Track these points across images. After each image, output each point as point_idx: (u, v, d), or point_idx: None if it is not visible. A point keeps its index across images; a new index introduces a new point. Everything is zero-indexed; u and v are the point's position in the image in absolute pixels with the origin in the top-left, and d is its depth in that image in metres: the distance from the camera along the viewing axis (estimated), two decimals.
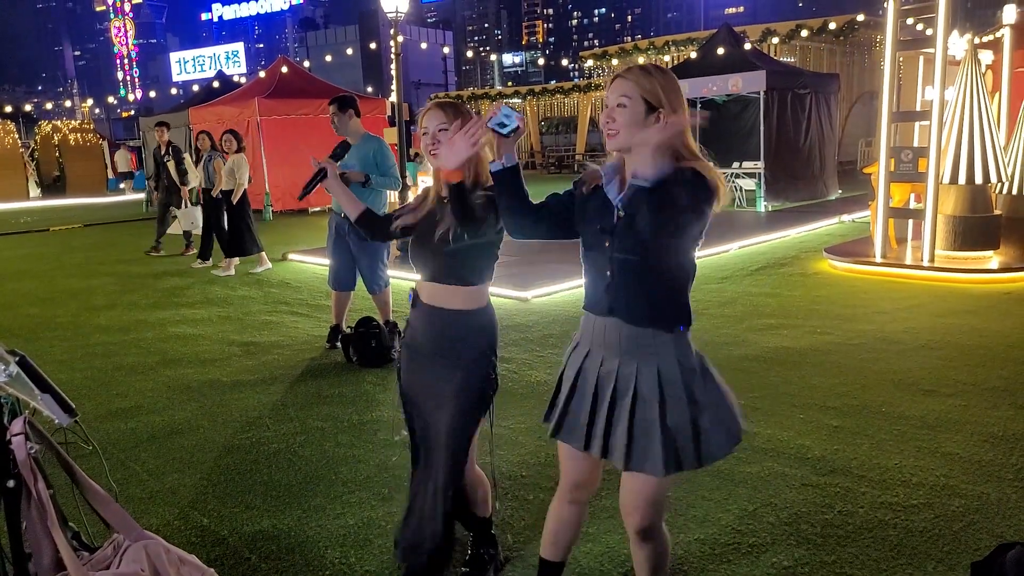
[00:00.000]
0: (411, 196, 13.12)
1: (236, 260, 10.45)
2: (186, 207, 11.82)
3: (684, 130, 2.23)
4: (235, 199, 9.94)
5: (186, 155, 12.14)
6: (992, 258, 8.72)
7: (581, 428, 2.41)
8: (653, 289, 2.29)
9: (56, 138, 31.71)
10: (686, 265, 2.32)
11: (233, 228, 10.20)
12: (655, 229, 2.18)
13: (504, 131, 2.29)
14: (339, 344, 6.37)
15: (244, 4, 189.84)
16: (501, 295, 7.97)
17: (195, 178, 11.59)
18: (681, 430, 2.29)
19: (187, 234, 12.12)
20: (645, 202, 2.18)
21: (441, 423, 2.78)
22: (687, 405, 2.29)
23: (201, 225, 11.28)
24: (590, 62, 34.44)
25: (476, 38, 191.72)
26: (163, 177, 12.21)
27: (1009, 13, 10.12)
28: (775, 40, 25.92)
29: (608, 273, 2.31)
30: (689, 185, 2.15)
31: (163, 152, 12.02)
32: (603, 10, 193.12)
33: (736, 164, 15.73)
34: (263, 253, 10.56)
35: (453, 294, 2.77)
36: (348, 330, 6.22)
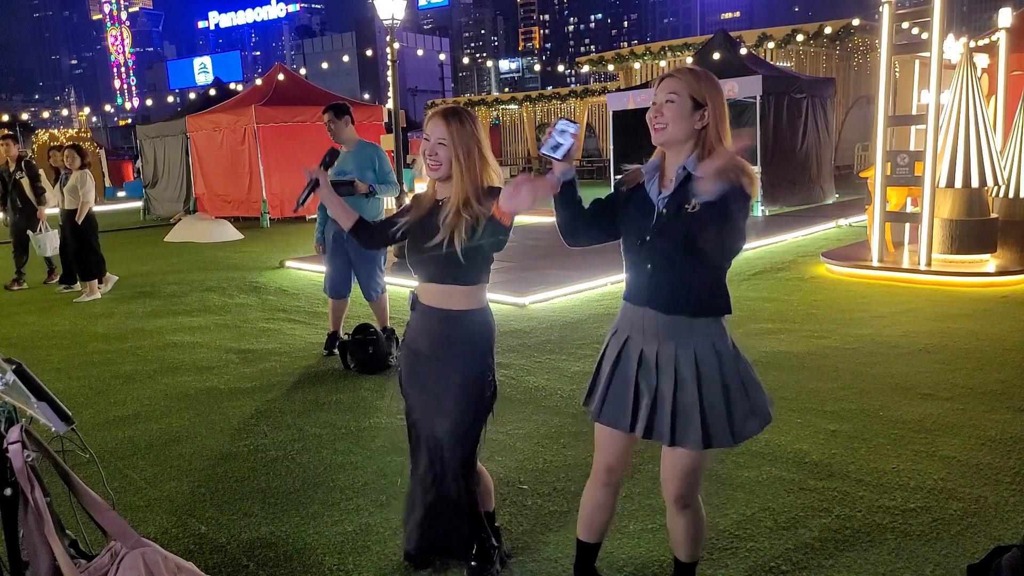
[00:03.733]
0: (407, 202, 13.14)
1: (96, 282, 9.61)
2: (44, 231, 10.19)
3: (724, 130, 2.40)
4: (79, 219, 9.29)
5: (42, 171, 10.49)
6: (989, 262, 8.73)
7: (625, 410, 2.53)
8: (691, 282, 2.42)
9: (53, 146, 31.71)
10: (738, 252, 2.42)
11: (81, 250, 9.45)
12: (694, 230, 2.31)
13: (558, 155, 2.37)
14: (336, 351, 6.37)
15: (240, 12, 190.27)
16: (498, 301, 7.97)
17: (53, 197, 10.29)
18: (716, 409, 2.43)
19: (48, 260, 10.76)
20: (684, 200, 2.35)
21: (444, 429, 2.87)
22: (721, 386, 2.44)
23: (58, 248, 10.10)
24: (586, 68, 34.50)
25: (472, 44, 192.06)
26: (13, 198, 10.31)
27: (1004, 16, 10.14)
28: (771, 45, 26.01)
29: (648, 267, 2.44)
30: (727, 183, 2.27)
31: (13, 169, 10.26)
32: (599, 16, 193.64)
33: None
34: (98, 280, 9.67)
35: (450, 294, 2.84)
36: (345, 337, 6.22)
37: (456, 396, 2.84)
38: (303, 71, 24.84)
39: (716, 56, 17.59)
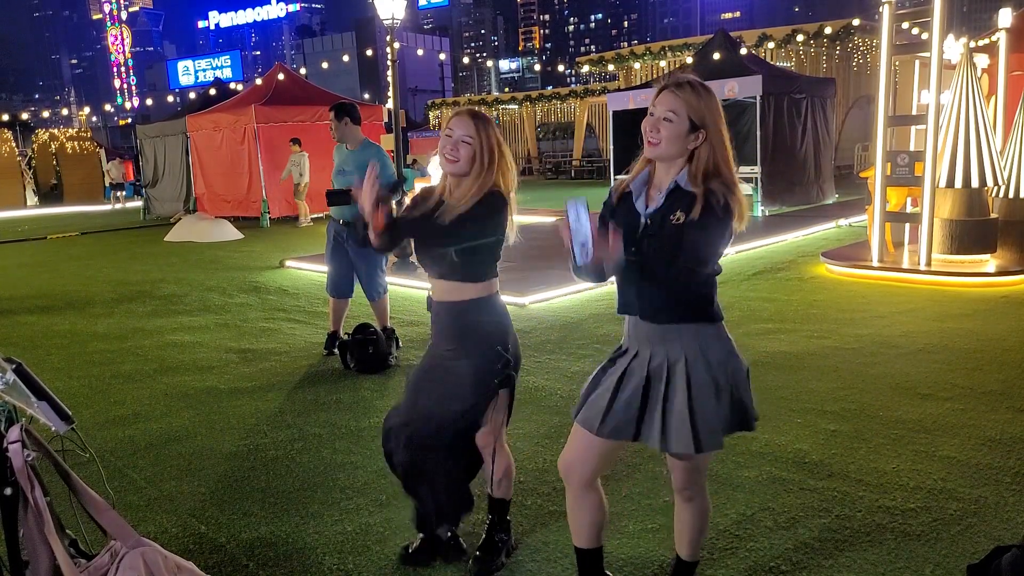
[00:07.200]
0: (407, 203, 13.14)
1: None
2: None
3: (724, 150, 2.40)
4: None
5: None
6: (989, 262, 8.73)
7: (599, 412, 2.52)
8: (677, 292, 2.42)
9: (53, 146, 31.74)
10: (710, 268, 2.42)
11: None
12: (677, 240, 2.32)
13: (588, 258, 2.20)
14: (336, 351, 6.37)
15: (240, 12, 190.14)
16: None
17: None
18: (706, 415, 2.43)
19: None
20: (670, 213, 2.36)
21: (450, 410, 2.95)
22: (713, 392, 2.44)
23: None
24: (586, 68, 34.51)
25: (473, 44, 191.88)
26: None
27: (1004, 17, 10.14)
28: (771, 45, 26.03)
29: (635, 277, 2.42)
30: (711, 201, 2.31)
31: None
32: (599, 16, 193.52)
33: None
34: None
35: (460, 290, 2.93)
36: (346, 336, 6.22)
37: (465, 383, 2.92)
38: (303, 71, 24.85)
39: (716, 56, 17.57)
